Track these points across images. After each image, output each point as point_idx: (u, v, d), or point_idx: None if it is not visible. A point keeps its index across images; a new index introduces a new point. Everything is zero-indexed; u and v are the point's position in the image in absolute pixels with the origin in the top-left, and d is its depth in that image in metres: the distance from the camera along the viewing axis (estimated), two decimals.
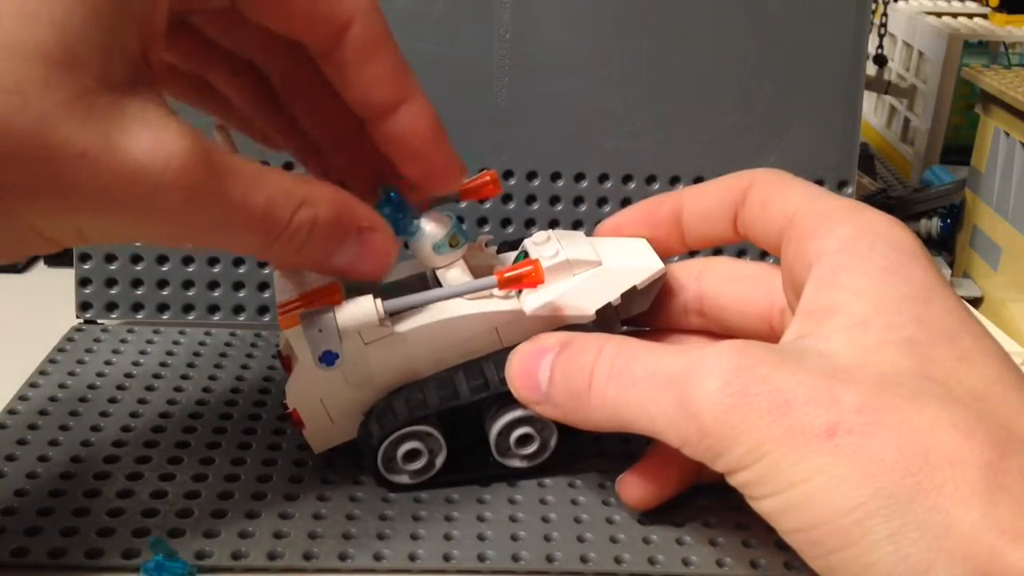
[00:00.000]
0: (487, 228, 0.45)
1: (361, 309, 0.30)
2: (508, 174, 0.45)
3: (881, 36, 0.71)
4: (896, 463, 0.23)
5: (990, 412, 0.24)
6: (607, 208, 0.45)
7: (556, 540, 0.31)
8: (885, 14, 0.71)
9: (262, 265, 0.44)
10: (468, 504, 0.33)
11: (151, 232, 0.25)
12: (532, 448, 0.33)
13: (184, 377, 0.39)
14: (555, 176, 0.45)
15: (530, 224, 0.45)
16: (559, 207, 0.45)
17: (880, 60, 0.71)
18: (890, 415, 0.24)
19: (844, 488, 0.23)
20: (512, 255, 0.35)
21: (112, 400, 0.38)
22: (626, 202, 0.45)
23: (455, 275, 0.33)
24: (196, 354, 0.41)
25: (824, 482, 0.23)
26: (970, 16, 0.71)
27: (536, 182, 0.45)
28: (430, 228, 0.32)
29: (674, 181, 0.45)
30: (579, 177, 0.45)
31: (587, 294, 0.32)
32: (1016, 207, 0.48)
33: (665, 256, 0.35)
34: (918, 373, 0.25)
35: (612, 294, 0.33)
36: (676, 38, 0.44)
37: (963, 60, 0.64)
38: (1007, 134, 0.50)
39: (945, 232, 0.56)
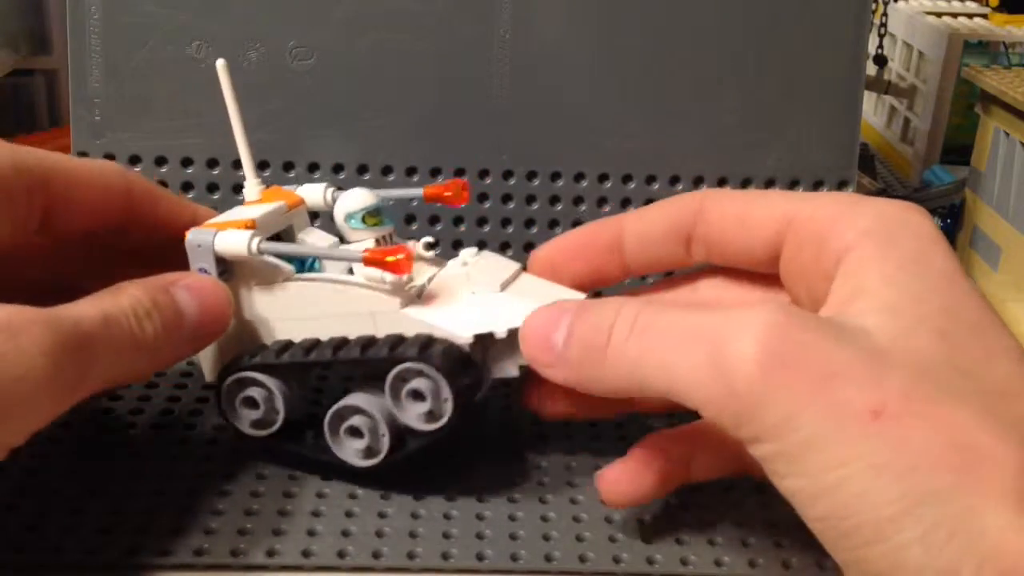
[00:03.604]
0: (487, 228, 0.45)
1: (236, 238, 0.31)
2: (508, 174, 0.45)
3: (881, 36, 0.71)
4: (939, 458, 0.22)
5: (1020, 412, 0.24)
6: (607, 208, 0.45)
7: (555, 539, 0.31)
8: (885, 14, 0.71)
9: None
10: (467, 502, 0.33)
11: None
12: (361, 444, 0.32)
13: (185, 375, 0.39)
14: (555, 176, 0.45)
15: (530, 224, 0.45)
16: (559, 207, 0.45)
17: (880, 60, 0.71)
18: (932, 407, 0.23)
19: (884, 480, 0.22)
20: (453, 261, 0.34)
21: (113, 398, 0.38)
22: (626, 202, 0.45)
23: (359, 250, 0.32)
24: None
25: (863, 470, 0.22)
26: (970, 16, 0.71)
27: (536, 182, 0.45)
28: (347, 199, 0.32)
29: (674, 181, 0.45)
30: (579, 177, 0.45)
31: (469, 314, 0.31)
32: (1016, 207, 0.49)
33: (604, 285, 0.35)
34: (951, 364, 0.24)
35: (496, 327, 0.31)
36: (676, 38, 0.44)
37: (963, 60, 0.64)
38: (1007, 134, 0.50)
39: (945, 232, 0.56)
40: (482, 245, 0.45)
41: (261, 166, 0.43)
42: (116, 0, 0.42)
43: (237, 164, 0.38)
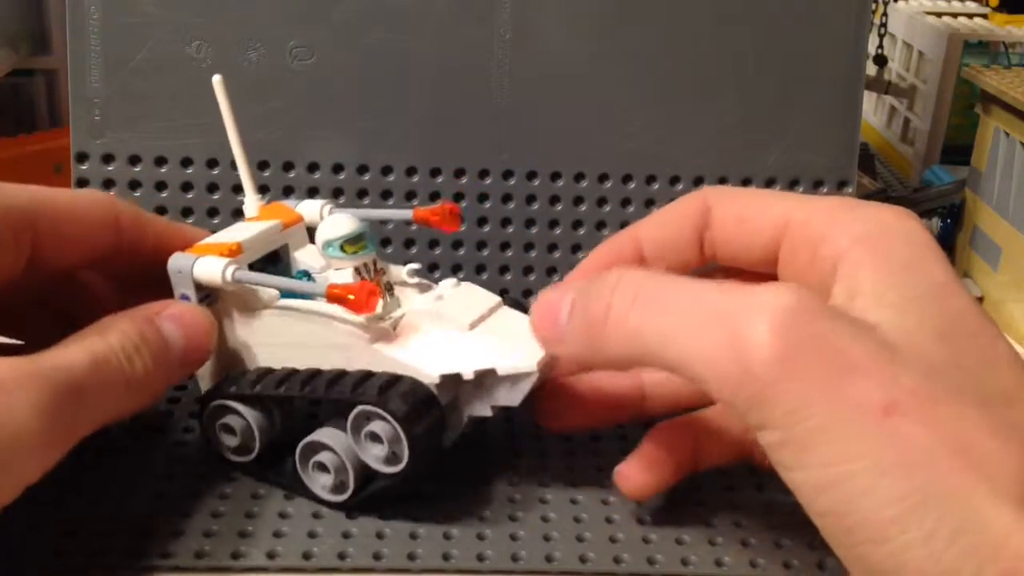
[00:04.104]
0: (487, 228, 0.45)
1: (212, 267, 0.31)
2: (508, 174, 0.45)
3: (881, 36, 0.71)
4: (943, 458, 0.22)
5: (1019, 415, 0.24)
6: (607, 208, 0.45)
7: (555, 539, 0.31)
8: (885, 14, 0.71)
9: None
10: (467, 503, 0.33)
11: None
12: (328, 480, 0.32)
13: None
14: (555, 176, 0.45)
15: (530, 224, 0.45)
16: (559, 207, 0.45)
17: (880, 60, 0.71)
18: (939, 407, 0.23)
19: (889, 479, 0.22)
20: (427, 294, 0.34)
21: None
22: (626, 202, 0.45)
23: (334, 277, 0.32)
24: None
25: (870, 467, 0.22)
26: (970, 16, 0.71)
27: (536, 182, 0.45)
28: (327, 226, 0.32)
29: (674, 181, 0.45)
30: (579, 177, 0.45)
31: (438, 353, 0.31)
32: (1016, 207, 0.48)
33: None
34: (955, 365, 0.24)
35: (463, 367, 0.30)
36: (676, 38, 0.44)
37: (963, 60, 0.64)
38: (1007, 134, 0.50)
39: (945, 232, 0.56)
40: (482, 245, 0.45)
41: (261, 166, 0.43)
42: (116, 0, 0.42)
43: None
